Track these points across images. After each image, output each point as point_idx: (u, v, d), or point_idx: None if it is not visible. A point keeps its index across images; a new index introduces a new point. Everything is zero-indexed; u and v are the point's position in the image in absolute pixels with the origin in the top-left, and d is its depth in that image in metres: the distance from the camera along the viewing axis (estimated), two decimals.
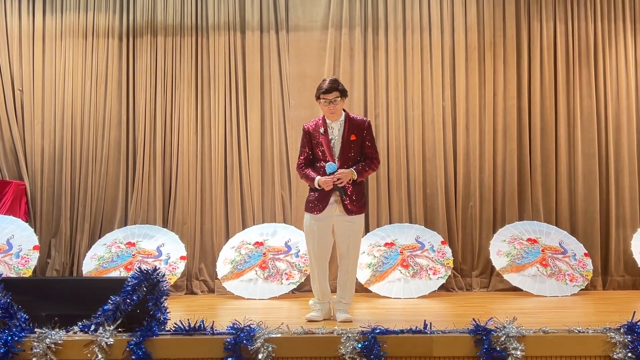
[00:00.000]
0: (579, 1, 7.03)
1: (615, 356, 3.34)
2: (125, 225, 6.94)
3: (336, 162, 4.79)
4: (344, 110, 4.93)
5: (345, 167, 4.79)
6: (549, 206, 6.94)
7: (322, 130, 4.87)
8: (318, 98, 4.84)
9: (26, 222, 6.69)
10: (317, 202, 4.80)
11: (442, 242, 6.62)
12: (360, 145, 4.86)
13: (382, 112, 6.99)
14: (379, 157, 4.94)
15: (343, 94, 4.85)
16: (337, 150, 4.83)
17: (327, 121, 4.88)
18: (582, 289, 6.36)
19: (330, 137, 4.85)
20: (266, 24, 7.09)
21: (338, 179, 4.73)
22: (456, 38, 7.02)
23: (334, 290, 5.10)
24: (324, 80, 4.90)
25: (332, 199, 4.78)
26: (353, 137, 4.83)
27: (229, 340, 3.34)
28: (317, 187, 4.79)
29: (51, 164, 7.06)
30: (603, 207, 6.92)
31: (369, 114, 6.97)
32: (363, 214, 4.89)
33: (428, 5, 7.05)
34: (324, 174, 4.79)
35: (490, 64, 7.01)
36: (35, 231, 6.62)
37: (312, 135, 4.92)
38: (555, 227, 6.78)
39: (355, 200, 4.79)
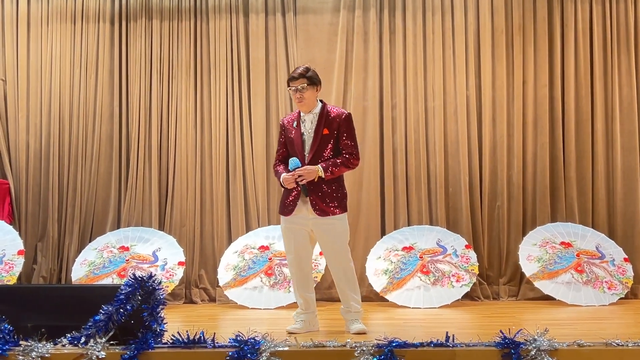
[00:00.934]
0: None
1: None
2: (118, 227, 6.99)
3: (306, 157, 4.80)
4: (321, 102, 4.95)
5: (320, 161, 4.79)
6: (585, 206, 6.92)
7: (294, 123, 4.91)
8: (288, 85, 4.92)
9: (10, 224, 6.74)
10: (286, 203, 4.85)
11: (466, 246, 6.61)
12: (335, 140, 4.85)
13: (400, 102, 6.99)
14: (357, 154, 4.89)
15: (312, 81, 4.85)
16: (307, 146, 4.84)
17: (301, 114, 4.91)
18: (621, 298, 6.34)
19: (302, 131, 4.87)
20: (272, 5, 7.11)
21: (299, 176, 4.74)
22: (481, 21, 7.01)
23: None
24: (296, 67, 4.98)
25: (300, 200, 4.81)
26: (325, 132, 4.83)
27: (231, 353, 3.35)
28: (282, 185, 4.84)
29: (37, 161, 7.11)
30: None
31: (385, 104, 6.97)
32: (344, 214, 4.87)
33: None
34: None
35: (520, 50, 6.99)
36: (19, 234, 6.66)
37: (286, 130, 4.97)
38: (591, 229, 6.77)
39: (328, 200, 4.78)
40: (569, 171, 6.93)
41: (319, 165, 4.77)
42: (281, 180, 4.85)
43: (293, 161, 4.79)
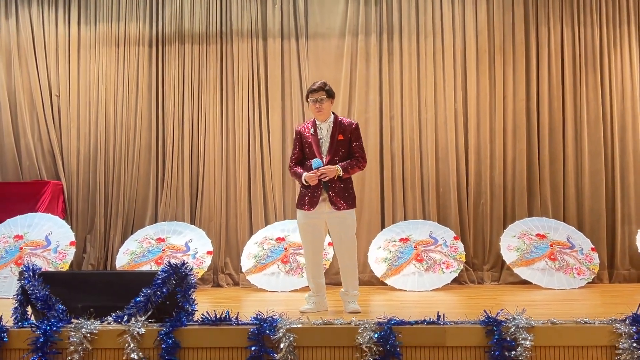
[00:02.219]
0: (585, 7, 6.97)
1: (620, 346, 3.31)
2: (156, 222, 7.00)
3: (324, 159, 4.80)
4: (333, 113, 4.95)
5: (336, 163, 4.79)
6: (557, 203, 6.88)
7: (312, 130, 4.91)
8: (307, 98, 4.91)
9: (63, 219, 6.76)
10: (308, 199, 4.82)
11: (455, 238, 6.59)
12: (348, 144, 4.87)
13: (397, 114, 6.98)
14: (365, 157, 4.92)
15: (329, 94, 4.87)
16: (325, 149, 4.85)
17: (317, 122, 4.91)
18: (589, 282, 6.30)
19: (319, 137, 4.87)
20: (287, 31, 7.11)
21: (322, 174, 4.73)
22: (467, 42, 6.99)
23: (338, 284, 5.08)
24: (314, 82, 4.96)
25: (321, 197, 4.79)
26: (340, 137, 4.85)
27: (252, 330, 3.35)
28: (304, 183, 4.81)
29: (86, 165, 7.13)
30: (609, 204, 6.85)
31: (384, 116, 6.96)
32: (353, 210, 4.85)
33: (440, 11, 7.02)
34: (310, 170, 4.81)
35: (500, 67, 6.96)
36: (71, 228, 6.67)
37: (302, 136, 4.95)
38: (563, 223, 6.73)
39: (343, 196, 4.78)
40: (543, 173, 6.90)
41: (338, 166, 4.77)
42: (303, 178, 4.81)
43: (316, 161, 4.78)
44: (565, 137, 6.92)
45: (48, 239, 6.44)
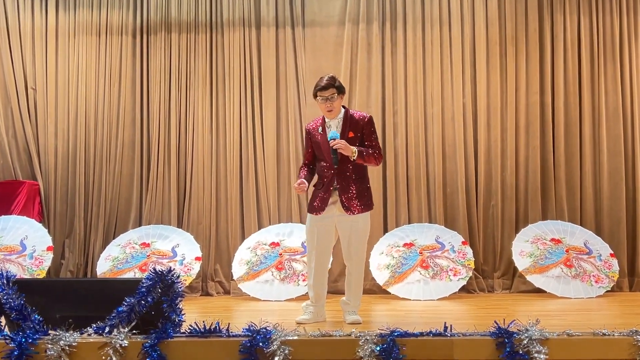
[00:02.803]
0: None
1: None
2: (140, 225, 6.99)
3: (334, 160, 4.73)
4: (344, 107, 4.90)
5: (346, 165, 4.74)
6: (574, 205, 6.89)
7: (320, 129, 4.87)
8: (315, 96, 4.83)
9: (40, 222, 6.76)
10: (318, 203, 4.80)
11: (463, 243, 6.60)
12: (360, 142, 4.80)
13: (401, 108, 6.98)
14: (381, 153, 4.85)
15: (340, 90, 4.81)
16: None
17: (326, 120, 4.86)
18: (607, 291, 6.31)
19: (328, 136, 4.81)
20: (282, 19, 7.11)
21: (337, 143, 4.65)
22: (477, 32, 7.00)
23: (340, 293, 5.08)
24: (321, 77, 4.84)
25: (331, 200, 4.77)
26: (351, 135, 4.77)
27: (244, 342, 3.35)
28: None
29: (65, 164, 7.13)
30: (630, 206, 6.86)
31: (387, 110, 6.96)
32: (367, 213, 4.82)
33: None
34: (322, 173, 4.81)
35: (512, 59, 6.97)
36: (49, 232, 6.68)
37: (312, 135, 4.93)
38: (579, 226, 6.74)
39: (356, 198, 4.75)
40: (558, 172, 6.90)
41: (355, 147, 4.69)
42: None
43: (333, 133, 4.73)
44: (582, 134, 6.93)
45: (23, 243, 6.43)
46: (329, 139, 4.72)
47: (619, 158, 6.87)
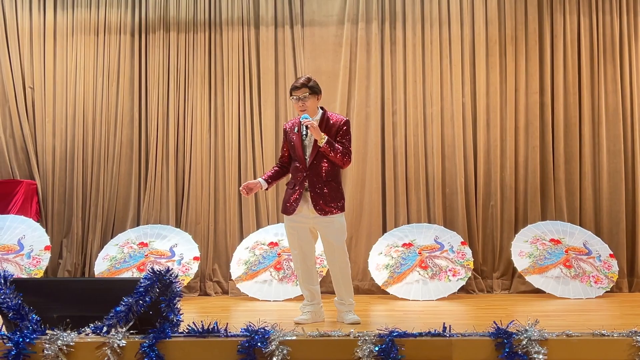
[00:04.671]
0: None
1: None
2: (138, 225, 6.99)
3: (307, 161, 4.78)
4: (322, 109, 4.91)
5: (319, 166, 4.76)
6: (573, 205, 6.89)
7: (296, 129, 4.88)
8: (291, 95, 4.87)
9: (37, 222, 6.76)
10: (289, 203, 4.84)
11: (462, 243, 6.60)
12: None
13: (400, 108, 6.99)
14: (350, 155, 4.83)
15: (313, 91, 4.82)
16: (308, 149, 4.80)
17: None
18: (607, 291, 6.32)
19: (302, 137, 4.82)
20: (280, 18, 7.11)
21: (309, 123, 4.68)
22: (476, 32, 7.00)
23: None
24: (298, 78, 4.93)
25: (302, 200, 4.79)
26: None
27: (243, 342, 3.35)
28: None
29: (62, 163, 7.12)
30: (629, 207, 6.86)
31: (386, 110, 6.97)
32: (342, 214, 4.84)
33: None
34: (295, 173, 4.86)
35: (512, 59, 6.98)
36: (46, 231, 6.68)
37: (287, 134, 4.96)
38: (579, 227, 6.74)
39: (327, 199, 4.75)
40: (558, 173, 6.91)
41: (326, 136, 4.70)
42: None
43: (304, 115, 4.75)
44: (582, 134, 6.93)
45: (21, 243, 6.43)
46: (301, 119, 4.75)
47: (618, 158, 6.88)
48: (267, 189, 5.11)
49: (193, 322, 3.50)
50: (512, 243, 6.59)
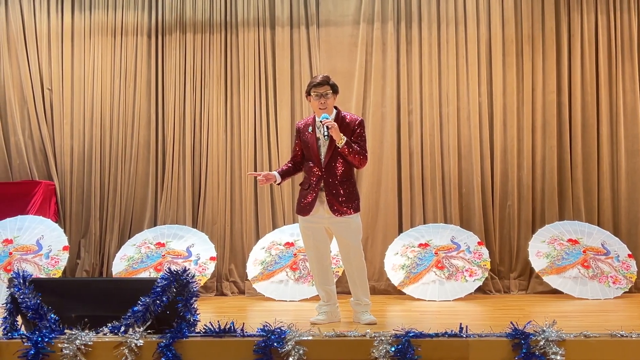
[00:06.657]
0: None
1: None
2: (155, 225, 7.03)
3: (322, 161, 4.76)
4: (336, 108, 4.89)
5: (335, 167, 4.74)
6: (591, 205, 6.85)
7: (310, 129, 4.87)
8: (308, 94, 4.85)
9: (56, 222, 6.81)
10: (304, 203, 4.83)
11: (479, 243, 6.57)
12: None
13: (416, 108, 6.97)
14: (366, 156, 4.82)
15: (334, 89, 4.83)
16: (323, 149, 4.79)
17: (317, 120, 4.84)
18: (625, 292, 6.27)
19: (317, 136, 4.81)
20: (296, 19, 7.12)
21: (329, 123, 4.66)
22: (493, 31, 6.97)
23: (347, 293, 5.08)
24: (315, 76, 4.94)
25: (317, 201, 4.78)
26: None
27: (259, 342, 3.35)
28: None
29: (80, 164, 7.18)
30: None
31: (402, 110, 6.95)
32: (357, 214, 4.83)
33: None
34: (310, 173, 4.82)
35: (529, 58, 6.94)
36: (64, 231, 6.72)
37: (301, 133, 4.94)
38: (597, 227, 6.69)
39: (342, 200, 4.74)
40: (575, 172, 6.86)
41: (345, 137, 4.70)
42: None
43: (324, 115, 4.74)
44: (600, 134, 6.88)
45: (39, 243, 6.48)
46: (321, 119, 4.72)
47: (637, 158, 6.82)
48: (279, 184, 5.09)
49: (210, 322, 3.52)
50: (530, 243, 6.56)
